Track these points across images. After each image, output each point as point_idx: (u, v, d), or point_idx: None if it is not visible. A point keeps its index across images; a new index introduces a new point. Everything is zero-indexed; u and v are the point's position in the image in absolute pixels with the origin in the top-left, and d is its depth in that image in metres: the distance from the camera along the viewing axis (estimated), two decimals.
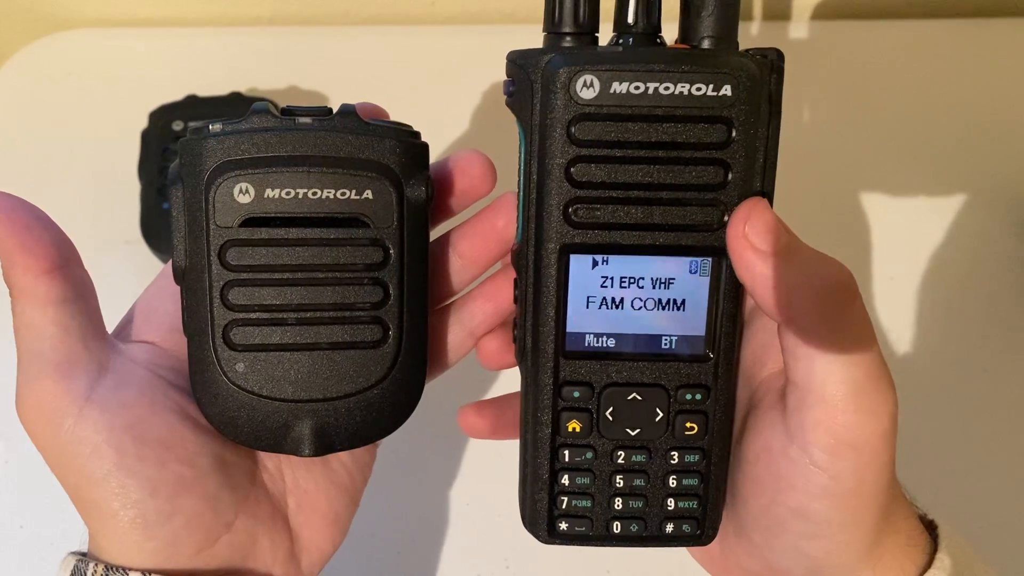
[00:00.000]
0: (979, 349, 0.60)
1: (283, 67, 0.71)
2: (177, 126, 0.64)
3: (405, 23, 0.76)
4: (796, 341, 0.32)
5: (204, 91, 0.66)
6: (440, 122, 0.67)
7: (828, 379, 0.32)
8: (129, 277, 0.39)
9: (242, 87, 0.67)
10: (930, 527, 0.37)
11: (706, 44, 0.34)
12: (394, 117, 0.38)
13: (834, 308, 0.32)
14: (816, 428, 0.32)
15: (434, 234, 0.39)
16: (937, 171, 0.65)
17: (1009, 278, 0.62)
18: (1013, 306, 0.61)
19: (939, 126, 0.67)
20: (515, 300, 0.37)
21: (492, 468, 0.40)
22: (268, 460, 0.39)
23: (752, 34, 0.71)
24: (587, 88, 0.32)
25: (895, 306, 0.62)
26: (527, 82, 0.33)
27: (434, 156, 0.37)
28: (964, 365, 0.60)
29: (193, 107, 0.65)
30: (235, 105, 0.65)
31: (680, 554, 0.40)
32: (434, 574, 0.55)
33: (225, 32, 0.75)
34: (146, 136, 0.65)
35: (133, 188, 0.64)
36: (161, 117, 0.65)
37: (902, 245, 0.63)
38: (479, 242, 0.39)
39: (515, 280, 0.37)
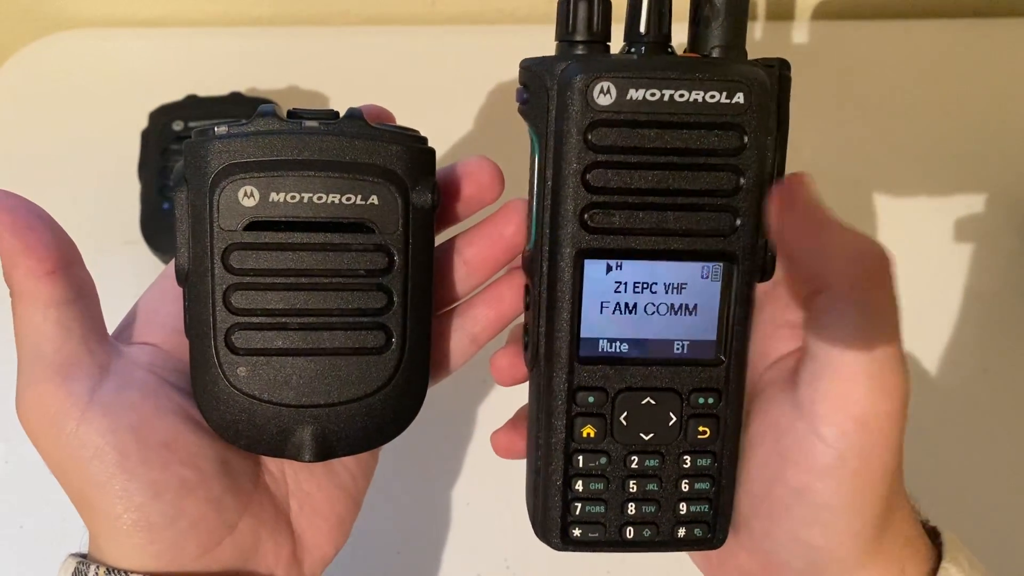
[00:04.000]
0: (979, 349, 0.60)
1: (283, 67, 0.71)
2: (177, 126, 0.63)
3: (405, 23, 0.76)
4: (823, 310, 0.33)
5: (204, 91, 0.66)
6: (440, 122, 0.66)
7: (847, 351, 0.32)
8: (129, 277, 0.39)
9: (242, 87, 0.67)
10: (932, 534, 0.37)
11: (716, 53, 0.34)
12: (394, 116, 0.37)
13: (868, 279, 0.32)
14: (825, 399, 0.33)
15: (439, 239, 0.39)
16: (937, 171, 0.65)
17: (1009, 278, 0.62)
18: (1013, 306, 0.61)
19: (939, 126, 0.67)
20: (526, 306, 0.37)
21: (492, 468, 0.40)
22: (271, 463, 0.39)
23: (752, 34, 0.71)
24: (604, 95, 0.32)
25: None
26: (543, 89, 0.34)
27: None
28: (964, 365, 0.60)
29: (193, 107, 0.65)
30: (235, 105, 0.65)
31: (679, 555, 0.40)
32: (434, 574, 0.55)
33: (225, 32, 0.75)
34: (146, 136, 0.64)
35: (133, 188, 0.64)
36: (161, 117, 0.64)
37: (902, 245, 0.63)
38: (486, 249, 0.39)
39: (526, 286, 0.37)
